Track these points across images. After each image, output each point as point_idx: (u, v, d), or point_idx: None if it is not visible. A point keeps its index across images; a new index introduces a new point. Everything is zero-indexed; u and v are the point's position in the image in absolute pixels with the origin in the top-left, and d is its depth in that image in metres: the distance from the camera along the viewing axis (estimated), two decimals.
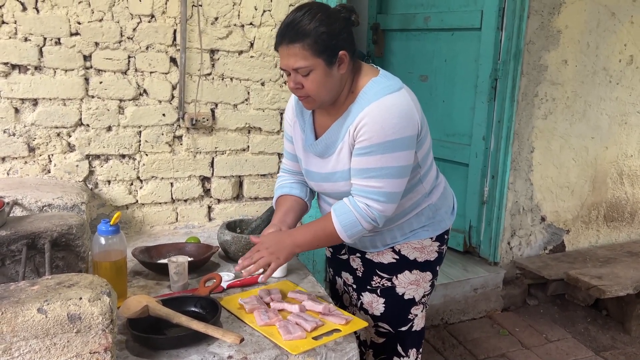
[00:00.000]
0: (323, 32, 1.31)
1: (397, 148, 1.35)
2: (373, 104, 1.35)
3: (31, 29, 1.91)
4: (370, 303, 1.62)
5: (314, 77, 1.34)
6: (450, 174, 3.21)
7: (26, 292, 1.06)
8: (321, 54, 1.32)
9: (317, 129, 1.51)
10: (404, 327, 1.62)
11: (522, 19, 2.81)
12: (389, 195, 1.38)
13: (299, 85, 1.36)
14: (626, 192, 3.50)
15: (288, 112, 1.61)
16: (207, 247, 1.85)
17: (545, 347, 2.70)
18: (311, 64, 1.32)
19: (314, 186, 1.58)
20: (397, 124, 1.33)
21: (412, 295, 1.60)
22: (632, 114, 3.36)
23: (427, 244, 1.57)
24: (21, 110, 1.96)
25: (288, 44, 1.32)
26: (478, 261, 3.15)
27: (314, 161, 1.51)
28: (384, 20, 3.47)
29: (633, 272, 2.91)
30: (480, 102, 2.98)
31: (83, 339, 1.05)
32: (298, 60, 1.32)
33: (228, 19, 2.16)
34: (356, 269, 1.65)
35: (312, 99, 1.39)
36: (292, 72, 1.35)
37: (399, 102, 1.35)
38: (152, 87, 2.11)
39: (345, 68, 1.37)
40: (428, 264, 1.59)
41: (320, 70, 1.33)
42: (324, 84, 1.35)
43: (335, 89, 1.39)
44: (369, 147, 1.35)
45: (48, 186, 1.93)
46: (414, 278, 1.58)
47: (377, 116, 1.33)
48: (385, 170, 1.36)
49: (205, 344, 1.29)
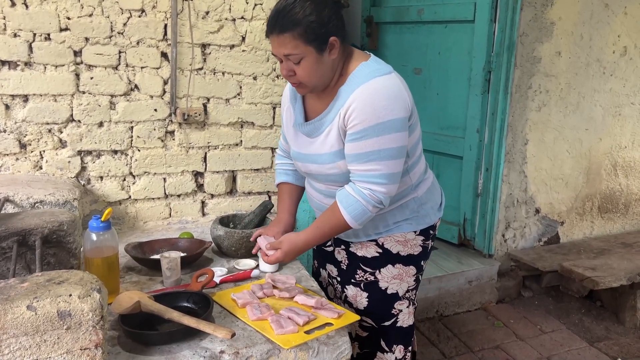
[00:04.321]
0: (313, 21, 1.32)
1: (391, 129, 1.36)
2: (362, 86, 1.36)
3: (20, 24, 1.90)
4: (354, 297, 1.62)
5: (305, 64, 1.36)
6: (445, 167, 3.23)
7: (16, 290, 1.06)
8: (312, 42, 1.34)
9: (307, 111, 1.54)
10: (388, 322, 1.61)
11: (515, 10, 2.80)
12: (389, 176, 1.40)
13: (291, 72, 1.39)
14: (620, 184, 3.51)
15: (284, 95, 1.65)
16: (200, 242, 1.85)
17: (539, 339, 2.72)
18: (302, 52, 1.34)
19: (300, 167, 1.59)
20: (388, 106, 1.35)
21: (396, 289, 1.59)
22: (625, 105, 3.36)
23: (410, 238, 1.57)
24: (12, 107, 1.95)
25: (279, 33, 1.34)
26: (472, 253, 3.16)
27: (302, 141, 1.54)
28: (377, 13, 3.46)
29: (627, 263, 2.92)
30: (474, 94, 2.97)
31: (73, 335, 1.05)
32: (289, 48, 1.34)
33: (219, 13, 2.15)
34: (341, 262, 1.65)
35: (304, 85, 1.41)
36: (284, 59, 1.38)
37: (388, 84, 1.37)
38: (143, 82, 2.10)
39: (337, 53, 1.39)
40: (411, 258, 1.58)
41: (311, 57, 1.35)
42: (315, 70, 1.37)
43: (327, 75, 1.41)
44: (362, 131, 1.36)
45: (40, 183, 1.92)
46: (397, 272, 1.58)
47: (367, 98, 1.35)
48: (382, 152, 1.37)
49: (197, 339, 1.30)
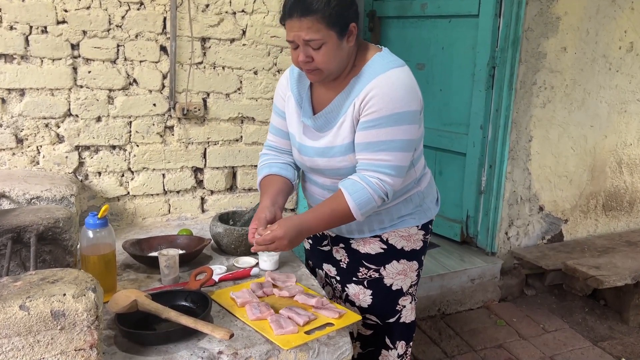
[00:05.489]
0: (336, 5, 1.30)
1: (405, 121, 1.35)
2: (380, 76, 1.35)
3: (16, 17, 1.86)
4: (356, 295, 1.60)
5: (326, 50, 1.33)
6: (448, 164, 3.20)
7: (8, 289, 1.04)
8: (334, 27, 1.31)
9: (314, 103, 1.49)
10: (392, 318, 1.60)
11: (520, 5, 2.76)
12: (398, 168, 1.38)
13: (309, 58, 1.34)
14: (625, 181, 3.47)
15: (281, 86, 1.57)
16: (199, 239, 1.82)
17: (542, 338, 2.69)
18: (323, 37, 1.31)
19: (306, 161, 1.53)
20: (405, 97, 1.34)
21: (400, 285, 1.58)
22: (631, 102, 3.32)
23: (413, 232, 1.56)
24: (8, 101, 1.92)
25: (301, 17, 1.29)
26: (475, 251, 3.13)
27: (310, 135, 1.49)
28: (380, 8, 3.42)
29: (631, 262, 2.89)
30: (478, 90, 2.94)
31: (67, 336, 1.03)
32: (310, 32, 1.30)
33: (219, 6, 2.12)
34: (340, 260, 1.62)
35: (320, 72, 1.37)
36: (302, 45, 1.33)
37: (404, 75, 1.37)
38: (142, 77, 2.07)
39: (353, 41, 1.37)
40: (414, 253, 1.58)
41: (332, 43, 1.32)
42: (334, 56, 1.34)
43: (344, 62, 1.38)
44: (377, 120, 1.34)
45: (37, 178, 1.89)
46: (402, 268, 1.57)
47: (385, 87, 1.33)
48: (394, 143, 1.35)
49: (195, 339, 1.27)
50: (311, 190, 1.60)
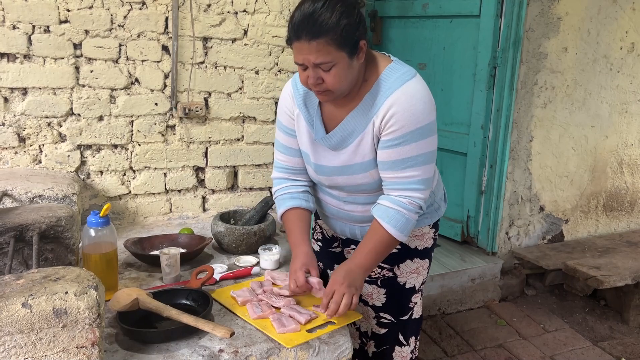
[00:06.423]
0: (346, 25, 1.24)
1: (428, 133, 1.34)
2: (397, 91, 1.31)
3: (19, 16, 1.87)
4: (369, 294, 1.60)
5: (336, 71, 1.27)
6: (448, 164, 3.20)
7: (11, 287, 1.04)
8: (344, 47, 1.25)
9: (325, 121, 1.44)
10: (405, 316, 1.61)
11: (521, 5, 2.76)
12: (426, 181, 1.38)
13: (319, 80, 1.29)
14: (626, 182, 3.47)
15: (286, 103, 1.49)
16: (201, 238, 1.83)
17: (542, 337, 2.69)
18: (334, 59, 1.25)
19: (323, 180, 1.50)
20: (425, 109, 1.32)
21: (413, 283, 1.59)
22: (632, 102, 3.32)
23: (425, 232, 1.57)
24: (10, 100, 1.93)
25: (310, 40, 1.23)
26: (476, 251, 3.13)
27: (325, 154, 1.45)
28: (381, 7, 3.42)
29: (632, 262, 2.89)
30: (479, 90, 2.94)
31: (69, 333, 1.03)
32: (320, 56, 1.24)
33: (221, 6, 2.12)
34: None
35: (330, 92, 1.31)
36: (311, 67, 1.27)
37: (420, 87, 1.34)
38: (143, 76, 2.07)
39: (363, 57, 1.32)
40: (426, 252, 1.59)
41: (343, 63, 1.27)
42: (345, 76, 1.29)
43: (354, 80, 1.34)
44: (400, 137, 1.32)
45: (39, 177, 1.90)
46: (415, 266, 1.58)
47: (405, 103, 1.30)
48: (420, 157, 1.34)
49: (196, 337, 1.28)
50: (326, 200, 1.56)
